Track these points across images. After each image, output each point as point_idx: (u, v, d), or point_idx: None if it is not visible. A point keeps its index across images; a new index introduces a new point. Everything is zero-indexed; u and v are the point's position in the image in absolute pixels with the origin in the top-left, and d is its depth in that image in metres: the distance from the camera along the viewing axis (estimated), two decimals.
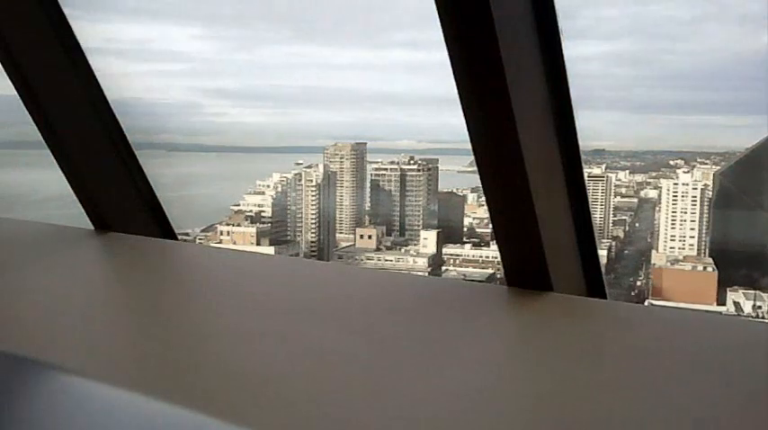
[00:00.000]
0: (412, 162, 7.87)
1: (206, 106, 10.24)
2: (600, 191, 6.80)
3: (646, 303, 6.00)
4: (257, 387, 1.77)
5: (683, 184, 6.51)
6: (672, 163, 6.91)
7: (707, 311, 5.69)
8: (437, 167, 7.91)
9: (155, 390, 1.60)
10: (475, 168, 2.25)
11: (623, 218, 7.25)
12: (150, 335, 2.20)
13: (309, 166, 8.03)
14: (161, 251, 3.28)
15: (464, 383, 1.78)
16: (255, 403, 1.67)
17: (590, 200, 2.45)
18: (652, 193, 7.05)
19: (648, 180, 7.20)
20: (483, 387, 1.77)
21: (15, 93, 3.07)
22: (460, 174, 7.95)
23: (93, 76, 3.09)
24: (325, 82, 10.18)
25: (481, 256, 7.31)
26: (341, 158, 8.04)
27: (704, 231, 6.41)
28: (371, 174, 8.06)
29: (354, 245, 7.65)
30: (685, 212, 6.39)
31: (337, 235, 7.92)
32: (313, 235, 7.84)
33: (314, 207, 7.87)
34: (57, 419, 1.18)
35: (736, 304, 5.86)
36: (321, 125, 9.98)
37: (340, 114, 10.10)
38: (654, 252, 6.71)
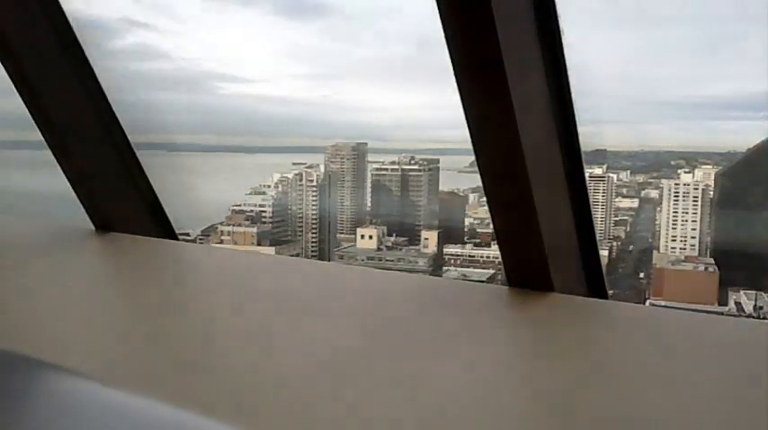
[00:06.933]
0: (413, 162, 7.85)
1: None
2: (601, 191, 6.78)
3: (647, 303, 5.98)
4: (258, 387, 1.77)
5: (685, 185, 6.50)
6: (673, 163, 6.90)
7: (708, 312, 5.68)
8: (438, 167, 7.89)
9: (155, 390, 1.59)
10: (476, 168, 2.25)
11: (624, 218, 7.24)
12: (150, 335, 2.20)
13: (310, 166, 8.01)
14: (161, 251, 3.29)
15: (465, 383, 1.77)
16: (256, 403, 1.67)
17: (591, 200, 2.45)
18: (653, 194, 7.04)
19: (650, 180, 7.18)
20: (484, 387, 1.77)
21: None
22: (461, 174, 7.93)
23: (94, 76, 3.09)
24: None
25: (482, 257, 7.29)
26: (341, 158, 8.03)
27: (705, 231, 6.40)
28: (372, 174, 8.04)
29: (355, 245, 7.63)
30: (687, 213, 6.38)
31: (338, 235, 7.91)
32: (314, 235, 7.82)
33: (314, 207, 7.85)
34: (57, 419, 1.17)
35: (738, 304, 5.85)
36: (322, 125, 9.96)
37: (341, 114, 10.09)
38: (655, 252, 6.69)
